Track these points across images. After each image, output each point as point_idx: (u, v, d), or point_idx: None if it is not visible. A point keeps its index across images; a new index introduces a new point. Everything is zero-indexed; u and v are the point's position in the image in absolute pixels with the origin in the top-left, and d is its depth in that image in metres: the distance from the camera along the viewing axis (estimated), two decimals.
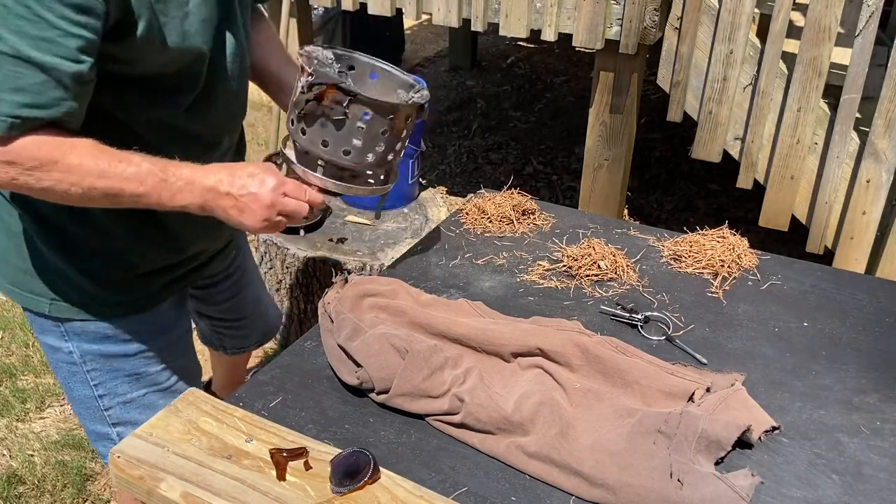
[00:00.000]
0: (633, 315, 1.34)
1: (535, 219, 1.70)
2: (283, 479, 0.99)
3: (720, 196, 4.15)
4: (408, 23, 5.97)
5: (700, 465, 0.99)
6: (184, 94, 1.28)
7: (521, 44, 6.28)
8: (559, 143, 4.79)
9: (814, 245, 2.90)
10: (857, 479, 1.03)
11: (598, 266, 1.49)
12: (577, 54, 6.03)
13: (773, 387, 1.20)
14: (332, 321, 1.26)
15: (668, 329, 1.33)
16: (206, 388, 2.18)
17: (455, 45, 5.89)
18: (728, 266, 1.50)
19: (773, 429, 1.09)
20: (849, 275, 1.56)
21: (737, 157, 2.96)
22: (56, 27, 1.03)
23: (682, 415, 1.04)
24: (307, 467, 1.01)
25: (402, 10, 3.27)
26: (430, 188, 4.34)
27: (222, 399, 1.16)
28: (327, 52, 1.29)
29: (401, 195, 3.03)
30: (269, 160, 1.37)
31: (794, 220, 2.94)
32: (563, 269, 1.51)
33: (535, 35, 3.13)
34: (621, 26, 2.93)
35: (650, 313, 1.36)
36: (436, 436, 1.10)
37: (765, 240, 3.51)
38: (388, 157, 1.33)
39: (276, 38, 1.60)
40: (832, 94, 2.74)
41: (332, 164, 1.30)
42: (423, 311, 1.29)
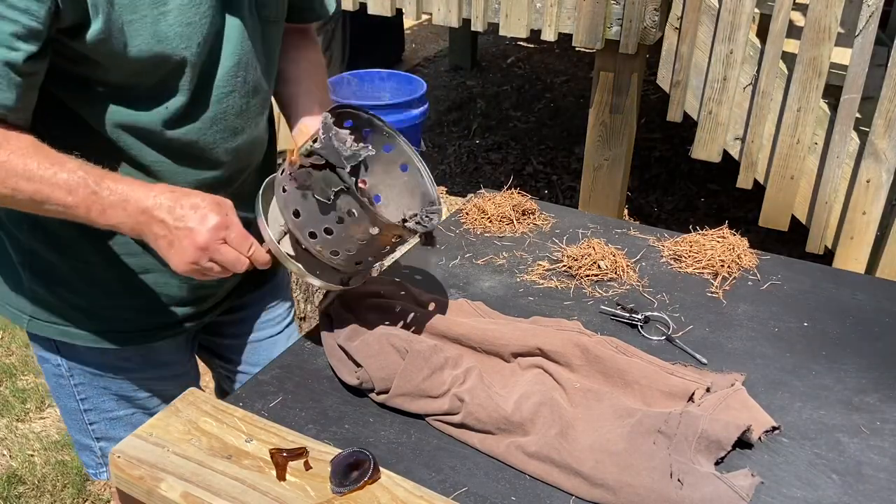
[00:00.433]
0: (633, 315, 1.34)
1: (535, 219, 1.70)
2: (283, 479, 0.99)
3: (720, 196, 4.15)
4: (408, 23, 5.96)
5: (700, 465, 0.99)
6: (162, 101, 1.14)
7: (521, 44, 6.28)
8: (559, 143, 4.79)
9: (814, 245, 2.90)
10: (857, 479, 1.03)
11: (598, 266, 1.49)
12: (577, 54, 6.03)
13: (773, 387, 1.20)
14: (332, 321, 1.26)
15: (668, 329, 1.33)
16: None
17: (455, 45, 5.89)
18: (728, 266, 1.50)
19: (773, 429, 1.09)
20: (849, 275, 1.56)
21: (737, 157, 2.96)
22: None
23: (683, 415, 1.04)
24: (307, 467, 1.01)
25: (402, 10, 3.28)
26: None
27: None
28: (345, 132, 1.12)
29: None
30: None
31: (794, 220, 2.94)
32: (563, 269, 1.51)
33: (535, 35, 3.13)
34: (621, 26, 2.93)
35: (650, 313, 1.36)
36: (436, 436, 1.10)
37: (765, 240, 3.51)
38: (355, 263, 1.16)
39: (314, 64, 1.44)
40: (832, 94, 2.74)
41: (293, 236, 1.16)
42: (423, 311, 1.29)
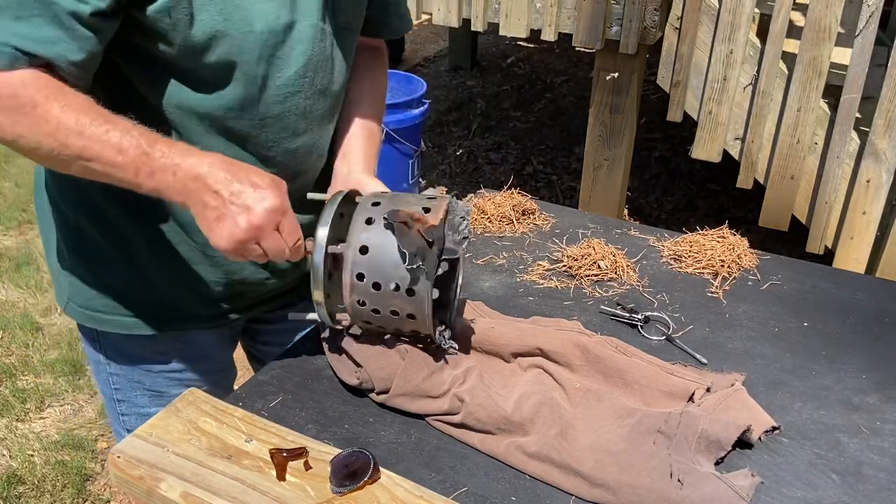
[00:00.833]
0: (633, 315, 1.34)
1: (535, 219, 1.70)
2: (283, 479, 0.99)
3: (720, 196, 4.16)
4: None
5: (700, 465, 0.99)
6: (220, 88, 1.10)
7: (521, 44, 6.29)
8: (559, 143, 4.79)
9: (814, 245, 2.90)
10: (857, 479, 1.03)
11: (598, 266, 1.49)
12: (577, 54, 6.03)
13: (773, 387, 1.20)
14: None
15: (668, 329, 1.32)
16: None
17: (455, 45, 5.89)
18: (728, 266, 1.50)
19: (773, 429, 1.09)
20: (849, 275, 1.56)
21: (737, 157, 2.96)
22: None
23: (682, 415, 1.04)
24: (307, 467, 1.01)
25: None
26: (430, 188, 4.34)
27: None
28: (463, 223, 1.08)
29: None
30: (350, 196, 1.14)
31: (794, 220, 2.94)
32: (563, 269, 1.51)
33: (535, 35, 3.14)
34: (621, 26, 2.93)
35: (650, 313, 1.36)
36: (436, 436, 1.10)
37: (765, 240, 3.52)
38: (365, 321, 1.13)
39: (377, 87, 1.39)
40: (832, 94, 2.74)
41: (339, 261, 1.09)
42: None
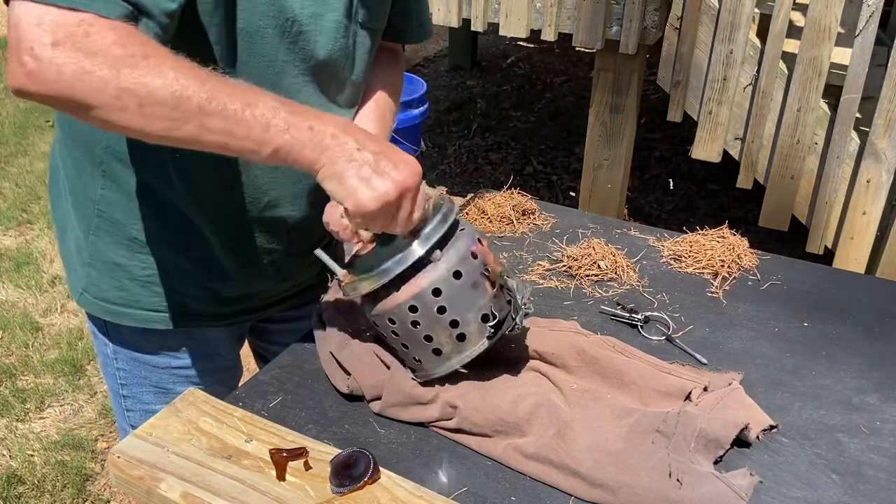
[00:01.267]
0: (633, 315, 1.34)
1: (535, 219, 1.70)
2: (283, 479, 0.99)
3: (720, 196, 4.16)
4: None
5: (699, 465, 0.99)
6: (232, 65, 1.08)
7: (521, 44, 6.28)
8: (559, 143, 4.79)
9: (814, 245, 2.90)
10: (857, 479, 1.03)
11: (598, 266, 1.49)
12: (577, 54, 6.03)
13: (773, 387, 1.20)
14: (325, 328, 1.25)
15: (668, 329, 1.32)
16: None
17: (455, 45, 5.89)
18: (728, 266, 1.50)
19: (771, 427, 1.09)
20: (849, 275, 1.56)
21: (737, 157, 2.96)
22: None
23: (681, 414, 1.04)
24: (307, 467, 1.01)
25: None
26: (429, 188, 4.35)
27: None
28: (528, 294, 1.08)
29: None
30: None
31: (794, 220, 2.94)
32: (563, 269, 1.51)
33: (535, 35, 3.14)
34: (621, 26, 2.93)
35: (650, 313, 1.36)
36: (435, 436, 1.10)
37: (765, 240, 3.52)
38: (396, 334, 1.09)
39: (392, 87, 1.39)
40: (832, 94, 2.75)
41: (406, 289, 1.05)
42: None
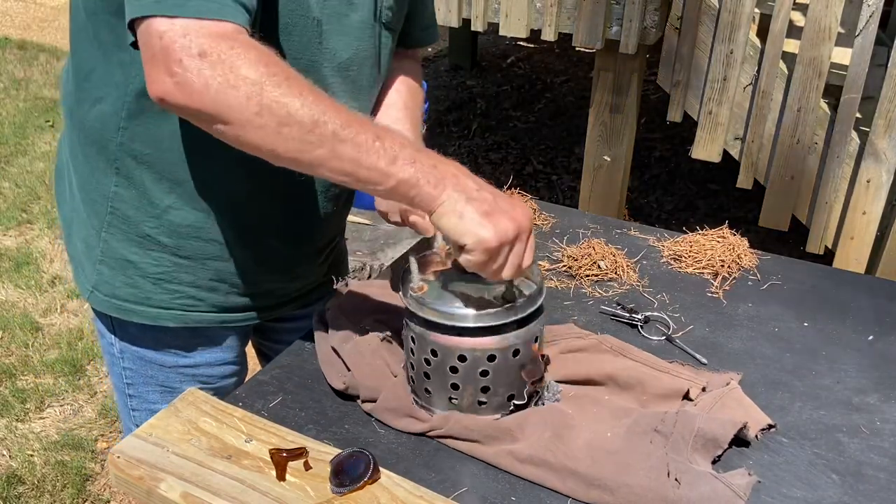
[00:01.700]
0: (633, 315, 1.34)
1: (535, 219, 1.70)
2: (283, 479, 0.99)
3: (720, 196, 4.16)
4: None
5: (697, 465, 0.99)
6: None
7: (521, 44, 6.28)
8: (559, 143, 4.79)
9: (814, 245, 2.90)
10: (857, 479, 1.03)
11: (598, 266, 1.49)
12: (577, 54, 6.02)
13: (772, 387, 1.20)
14: (327, 325, 1.25)
15: (668, 329, 1.32)
16: None
17: (455, 45, 5.89)
18: (728, 266, 1.50)
19: (770, 427, 1.09)
20: (849, 275, 1.56)
21: (737, 157, 2.96)
22: None
23: (679, 414, 1.04)
24: (307, 467, 1.01)
25: None
26: None
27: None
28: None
29: None
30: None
31: (794, 220, 2.94)
32: (563, 269, 1.51)
33: (535, 35, 3.13)
34: (621, 26, 2.93)
35: (650, 313, 1.36)
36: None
37: (765, 240, 3.51)
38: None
39: (414, 99, 1.38)
40: (832, 94, 2.74)
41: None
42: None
